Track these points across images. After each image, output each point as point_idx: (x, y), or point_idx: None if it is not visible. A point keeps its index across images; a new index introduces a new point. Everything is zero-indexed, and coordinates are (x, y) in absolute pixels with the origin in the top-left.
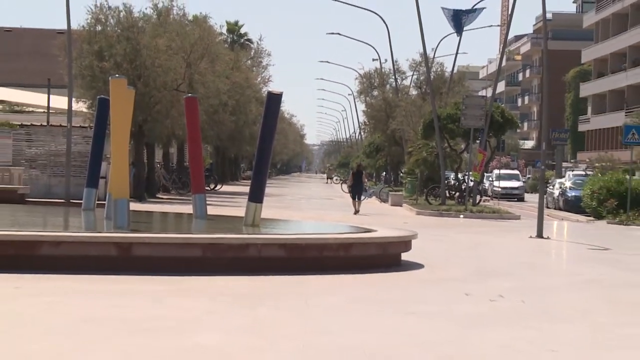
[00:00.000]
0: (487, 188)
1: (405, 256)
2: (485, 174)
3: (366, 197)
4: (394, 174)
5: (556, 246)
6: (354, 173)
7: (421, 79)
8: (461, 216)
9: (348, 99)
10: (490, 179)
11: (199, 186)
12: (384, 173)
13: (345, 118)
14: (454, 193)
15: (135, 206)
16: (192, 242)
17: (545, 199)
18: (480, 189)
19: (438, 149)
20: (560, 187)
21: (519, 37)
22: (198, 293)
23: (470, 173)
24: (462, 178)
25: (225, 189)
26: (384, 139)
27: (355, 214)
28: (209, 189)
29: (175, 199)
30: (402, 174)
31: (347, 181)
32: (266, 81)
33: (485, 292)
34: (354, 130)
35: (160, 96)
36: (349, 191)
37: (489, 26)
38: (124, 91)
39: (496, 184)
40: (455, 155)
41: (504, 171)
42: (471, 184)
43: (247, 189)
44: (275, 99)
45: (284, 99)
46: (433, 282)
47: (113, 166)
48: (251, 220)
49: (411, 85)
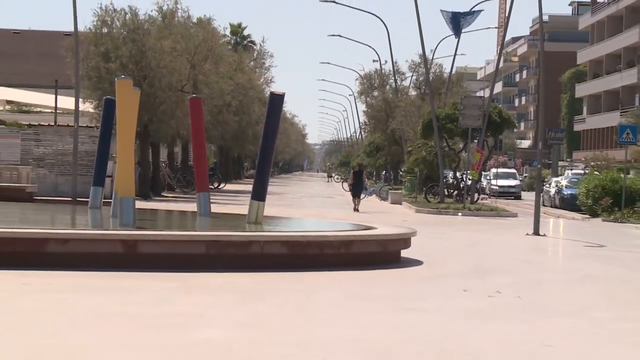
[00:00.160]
0: (484, 186)
1: (404, 253)
2: (483, 173)
3: (366, 195)
4: (393, 173)
5: (552, 243)
6: (355, 172)
7: (420, 79)
8: (459, 214)
9: (349, 100)
10: (488, 177)
11: (203, 185)
12: (384, 172)
13: (346, 118)
14: (452, 191)
15: (140, 204)
16: (197, 240)
17: (541, 197)
18: (478, 187)
19: (437, 149)
20: (557, 186)
21: (516, 39)
22: (202, 289)
23: (468, 172)
24: (461, 177)
25: (229, 187)
26: (384, 138)
27: (356, 212)
28: (212, 187)
29: (179, 197)
30: (401, 172)
31: (348, 180)
32: (269, 82)
33: (483, 288)
34: (355, 130)
35: (165, 97)
36: (350, 189)
37: (487, 28)
38: (130, 92)
39: (494, 182)
40: (453, 154)
41: (501, 170)
42: (469, 182)
43: (250, 188)
44: (277, 100)
45: (286, 99)
46: (432, 278)
47: (119, 165)
48: (254, 218)
49: (410, 86)
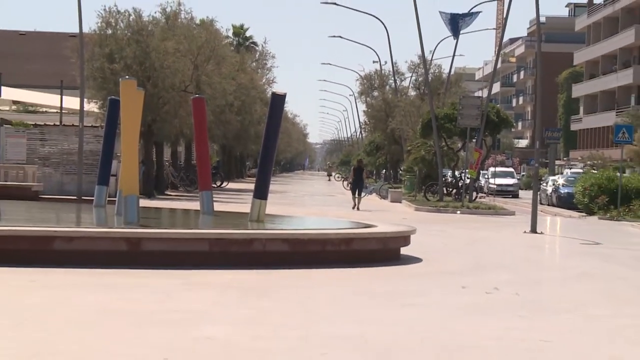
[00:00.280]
0: (483, 185)
1: (404, 250)
2: (481, 172)
3: (366, 193)
4: (393, 172)
5: (549, 241)
6: (355, 169)
7: (419, 80)
8: (458, 212)
9: (349, 100)
10: (486, 176)
11: (206, 183)
12: (384, 171)
13: (347, 118)
14: (451, 190)
15: (144, 203)
16: (200, 237)
17: (539, 195)
18: (477, 186)
19: (436, 148)
20: (554, 184)
21: (514, 40)
22: (205, 286)
23: (467, 171)
24: (459, 175)
25: (231, 186)
26: (384, 138)
27: (356, 210)
28: (215, 186)
29: (183, 195)
30: (401, 171)
31: (349, 177)
32: (270, 82)
33: (481, 285)
34: (355, 130)
35: (169, 97)
36: (350, 187)
37: (485, 29)
38: (134, 92)
39: (492, 181)
40: (452, 153)
41: (499, 169)
42: (467, 181)
43: (252, 186)
44: (279, 100)
45: (287, 99)
46: (431, 275)
47: (123, 164)
48: (256, 216)
49: (410, 86)
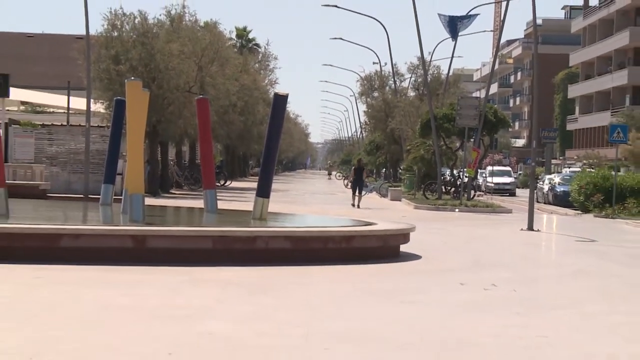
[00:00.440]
0: (480, 184)
1: (404, 248)
2: (479, 171)
3: (367, 192)
4: (393, 171)
5: (546, 238)
6: (355, 168)
7: (419, 81)
8: (456, 210)
9: (350, 100)
10: (484, 175)
11: (210, 182)
12: (384, 170)
13: (347, 118)
14: (449, 188)
15: (149, 201)
16: (204, 235)
17: (535, 193)
18: (475, 184)
19: (435, 147)
20: (550, 183)
21: (511, 42)
22: (209, 283)
23: (465, 169)
24: (458, 174)
25: (235, 184)
26: (384, 137)
27: (356, 208)
28: (219, 184)
29: (187, 194)
30: (400, 170)
31: (349, 176)
32: (273, 83)
33: (480, 282)
34: (356, 130)
35: (173, 98)
36: (350, 186)
37: (483, 31)
38: (139, 93)
39: (489, 179)
40: (450, 152)
41: (496, 168)
42: (466, 179)
43: (255, 185)
44: (281, 100)
45: (289, 100)
46: (430, 272)
47: (129, 163)
48: (259, 214)
49: (409, 87)
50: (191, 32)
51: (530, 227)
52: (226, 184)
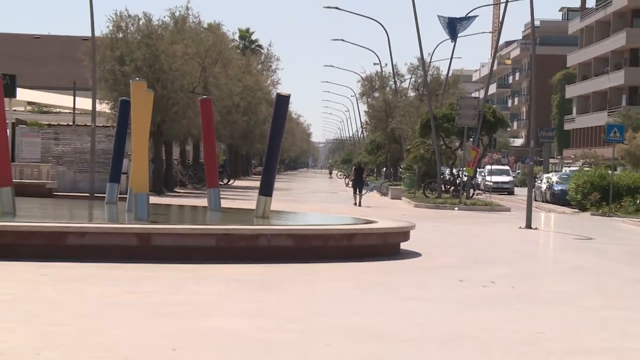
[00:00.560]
0: (479, 182)
1: (404, 245)
2: (478, 170)
3: (367, 191)
4: (393, 170)
5: (544, 236)
6: (355, 169)
7: (419, 81)
8: (456, 208)
9: (351, 100)
10: (483, 174)
11: (213, 181)
12: (384, 169)
13: (349, 118)
14: (449, 187)
15: (154, 199)
16: (207, 233)
17: (533, 192)
18: (474, 183)
19: (434, 147)
20: (548, 181)
21: (509, 43)
22: (212, 279)
23: (464, 169)
24: (457, 173)
25: (238, 183)
26: (384, 137)
27: (357, 206)
28: (222, 183)
29: (191, 193)
30: (401, 169)
31: (350, 175)
32: (275, 84)
33: (478, 279)
34: (357, 129)
35: (177, 98)
36: (352, 185)
37: (481, 33)
38: (144, 93)
39: (488, 178)
40: (450, 152)
41: (495, 167)
42: (465, 178)
43: (258, 184)
44: (283, 101)
45: (291, 100)
46: (430, 269)
47: (134, 163)
48: (261, 212)
49: (409, 88)
50: (195, 33)
51: (529, 225)
52: (229, 183)
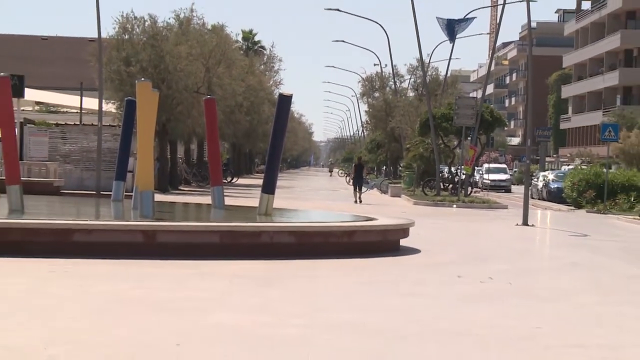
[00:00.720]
0: (477, 180)
1: (403, 242)
2: (475, 168)
3: (367, 188)
4: (393, 168)
5: (540, 233)
6: (355, 165)
7: (418, 82)
8: (454, 206)
9: (352, 100)
10: (481, 172)
11: (217, 179)
12: (384, 167)
13: (349, 117)
14: (447, 185)
15: (159, 197)
16: (211, 230)
17: (530, 190)
18: (471, 181)
19: (433, 145)
20: (544, 180)
21: (507, 44)
22: (216, 276)
23: (462, 167)
24: (455, 171)
25: (241, 181)
26: (384, 136)
27: (357, 203)
28: (226, 181)
29: (195, 191)
30: (400, 167)
31: (350, 173)
32: (277, 84)
33: (476, 275)
34: (357, 128)
35: (182, 98)
36: (352, 183)
37: (479, 34)
38: (149, 93)
39: (486, 176)
40: (448, 150)
41: (492, 165)
42: (463, 176)
43: (261, 182)
44: (285, 100)
45: (293, 100)
46: (429, 265)
47: (139, 161)
48: (264, 209)
49: (409, 88)
50: (199, 34)
51: (525, 222)
52: (233, 181)
